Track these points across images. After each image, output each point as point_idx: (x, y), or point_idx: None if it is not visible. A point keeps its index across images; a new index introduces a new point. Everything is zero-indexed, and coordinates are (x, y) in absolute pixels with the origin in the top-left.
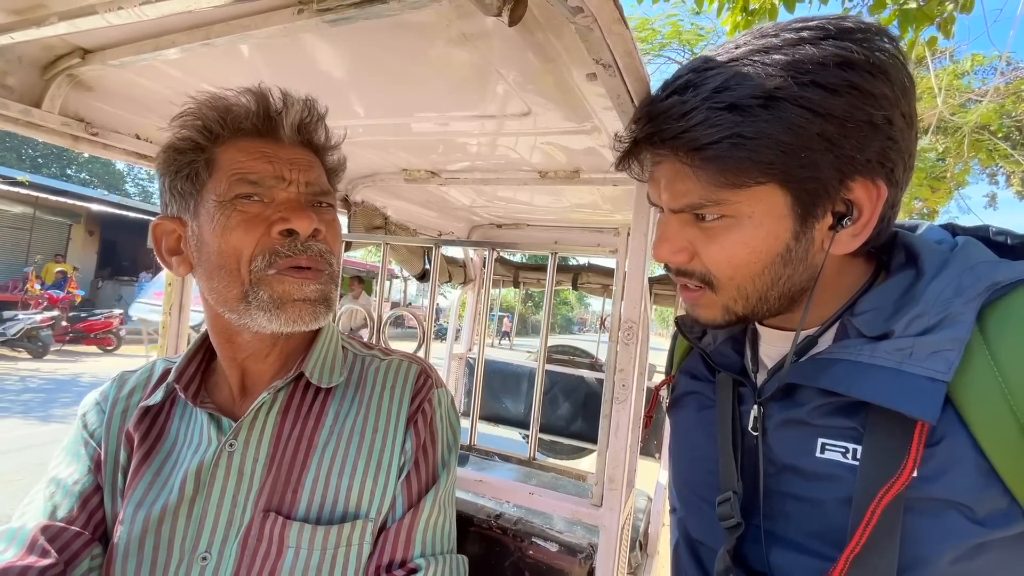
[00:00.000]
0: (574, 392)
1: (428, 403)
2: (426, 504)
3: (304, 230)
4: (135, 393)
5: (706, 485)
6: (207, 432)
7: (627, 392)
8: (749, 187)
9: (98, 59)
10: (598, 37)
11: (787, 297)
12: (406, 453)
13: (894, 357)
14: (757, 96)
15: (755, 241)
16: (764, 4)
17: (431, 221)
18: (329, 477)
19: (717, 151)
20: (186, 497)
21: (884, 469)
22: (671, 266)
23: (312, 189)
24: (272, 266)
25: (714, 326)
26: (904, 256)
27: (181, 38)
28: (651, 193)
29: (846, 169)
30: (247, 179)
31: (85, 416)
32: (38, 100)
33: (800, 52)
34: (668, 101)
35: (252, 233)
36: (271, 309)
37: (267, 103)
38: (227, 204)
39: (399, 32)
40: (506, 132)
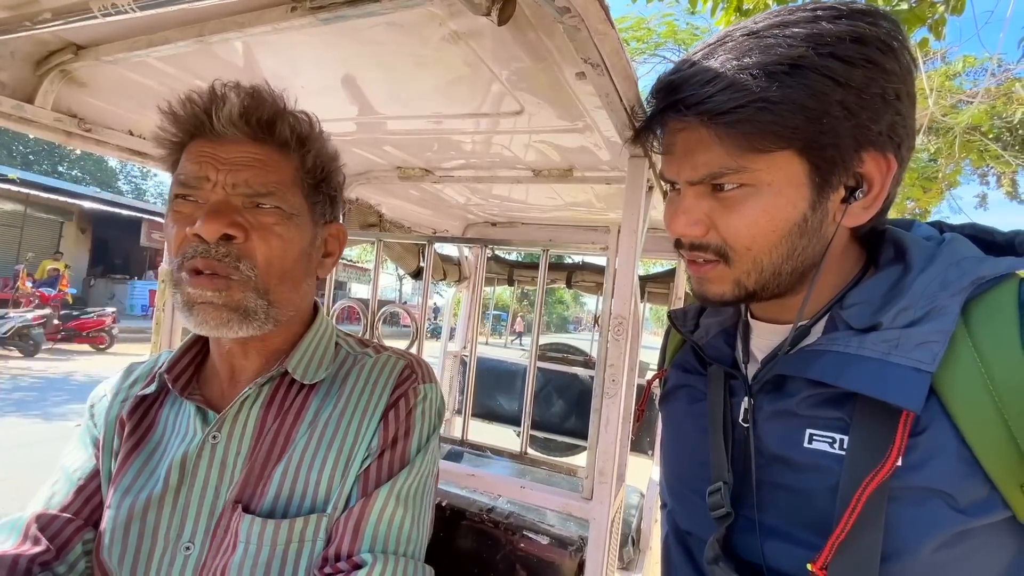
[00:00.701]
0: (568, 390)
1: (407, 396)
2: (380, 495)
3: (206, 234)
4: (137, 383)
5: (696, 476)
6: (193, 423)
7: (617, 387)
8: (771, 152)
9: (91, 55)
10: (585, 37)
11: (798, 272)
12: (372, 445)
13: (881, 348)
14: (782, 63)
15: (775, 209)
16: (758, 4)
17: (425, 219)
18: (298, 471)
19: (743, 115)
20: (171, 487)
21: (869, 458)
22: (684, 241)
23: (242, 191)
24: (181, 268)
25: (723, 302)
26: (893, 251)
27: (174, 35)
28: (666, 168)
29: (861, 139)
30: (179, 180)
31: (93, 406)
32: (31, 96)
33: (817, 27)
34: (691, 69)
35: (176, 232)
36: (184, 310)
37: (202, 102)
38: (169, 203)
39: (392, 30)
40: (500, 130)
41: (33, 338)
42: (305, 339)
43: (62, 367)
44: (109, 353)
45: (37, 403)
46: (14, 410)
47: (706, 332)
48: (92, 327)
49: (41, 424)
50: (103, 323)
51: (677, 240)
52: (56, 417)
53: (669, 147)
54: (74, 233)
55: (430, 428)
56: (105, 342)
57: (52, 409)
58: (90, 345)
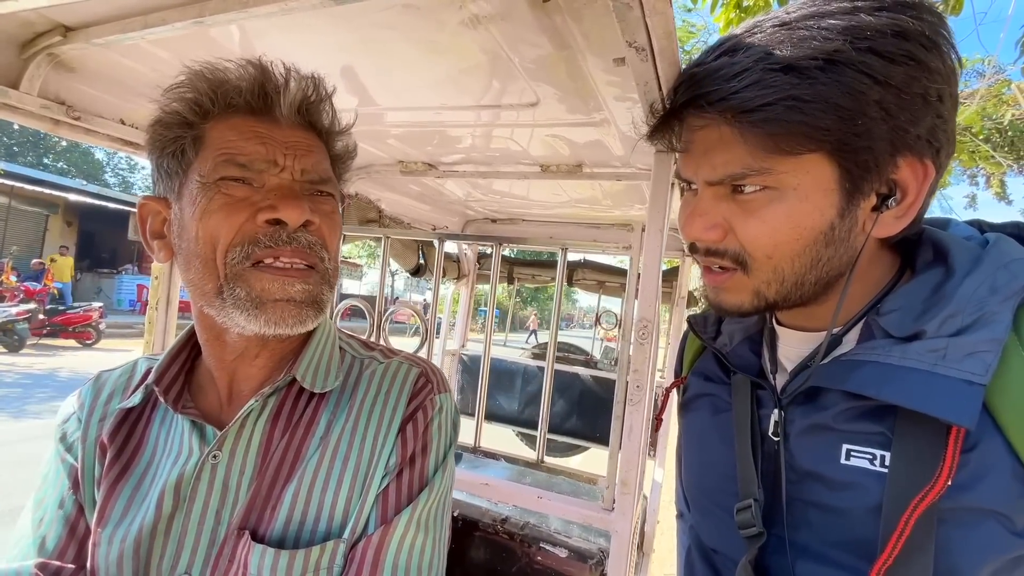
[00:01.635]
0: (569, 389)
1: (424, 409)
2: (400, 521)
3: (293, 220)
4: (114, 398)
5: (723, 491)
6: (188, 441)
7: (642, 393)
8: (798, 155)
9: (81, 37)
10: (637, 16)
11: (823, 283)
12: (391, 463)
13: (927, 359)
14: (815, 58)
15: (799, 215)
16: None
17: (425, 215)
18: (311, 492)
19: (770, 113)
20: (164, 514)
21: (916, 477)
22: (700, 245)
23: (309, 176)
24: (250, 258)
25: (740, 313)
26: (931, 253)
27: (172, 15)
28: (683, 167)
29: (898, 143)
30: (235, 160)
31: (62, 427)
32: (15, 81)
33: (856, 19)
34: (717, 63)
35: (233, 218)
36: (249, 308)
37: (266, 78)
38: (210, 186)
39: (407, 13)
40: (510, 123)
41: (18, 333)
42: (312, 342)
43: (48, 363)
44: (96, 349)
45: (21, 400)
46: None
47: (729, 339)
48: (78, 322)
49: (24, 422)
50: (90, 318)
51: (691, 244)
52: (40, 415)
53: (687, 144)
54: (59, 226)
55: (447, 443)
56: (92, 337)
57: (36, 406)
58: (76, 340)
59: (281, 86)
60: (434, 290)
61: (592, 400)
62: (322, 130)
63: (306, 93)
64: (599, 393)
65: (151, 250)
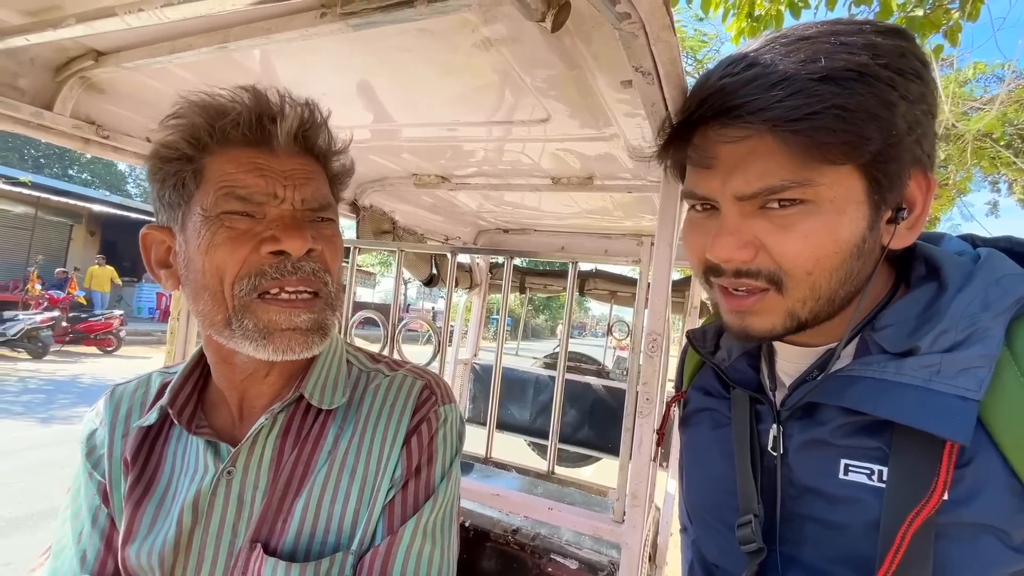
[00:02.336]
0: (580, 399)
1: (428, 421)
2: (407, 530)
3: (296, 251)
4: (132, 413)
5: (723, 506)
6: (204, 458)
7: (651, 406)
8: (838, 166)
9: (112, 61)
10: (642, 44)
11: (848, 298)
12: (396, 476)
13: (921, 375)
14: (851, 69)
15: (839, 228)
16: (770, 10)
17: (438, 226)
18: (320, 505)
19: (818, 122)
20: (184, 529)
21: (912, 492)
22: (728, 267)
23: (309, 205)
24: (257, 289)
25: (771, 337)
26: (924, 268)
27: (198, 40)
28: (701, 184)
29: (916, 157)
30: (235, 194)
31: (87, 442)
32: (49, 102)
33: (870, 39)
34: (750, 72)
35: (238, 251)
36: (257, 339)
37: (262, 108)
38: (214, 219)
39: (421, 36)
40: (522, 138)
41: (42, 340)
42: (319, 360)
43: (70, 369)
44: (116, 356)
45: (44, 406)
46: (22, 412)
47: (728, 354)
48: (99, 329)
49: (48, 427)
50: (111, 325)
51: (710, 269)
52: (62, 420)
53: (708, 160)
54: (83, 236)
55: (452, 453)
56: (112, 344)
57: (59, 412)
58: (97, 347)
59: (277, 115)
60: (447, 302)
61: (604, 410)
62: (320, 154)
63: (302, 119)
64: (611, 403)
65: (158, 279)
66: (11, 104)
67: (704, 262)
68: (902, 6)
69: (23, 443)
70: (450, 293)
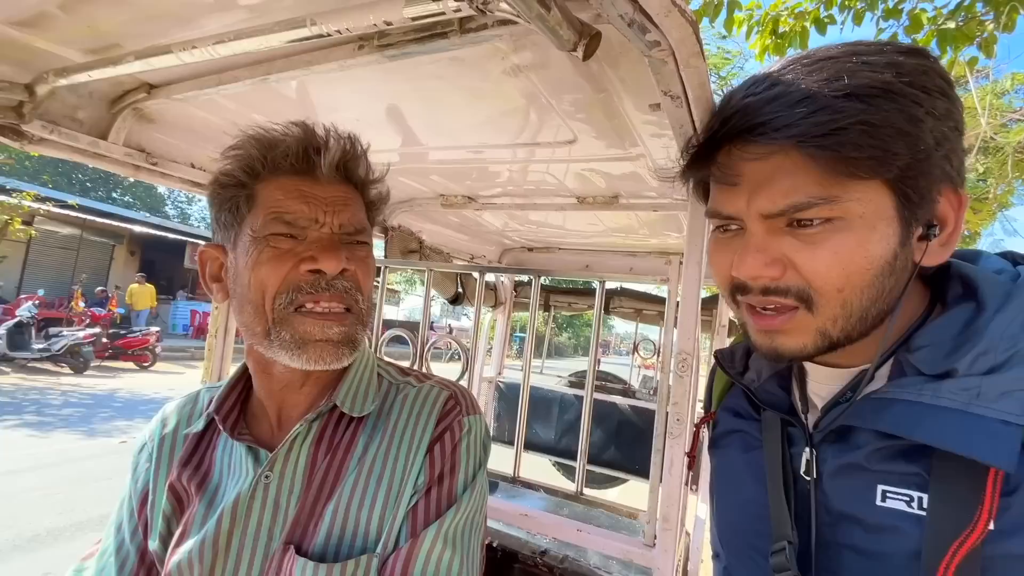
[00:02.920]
0: (606, 419)
1: (452, 429)
2: (428, 535)
3: (331, 270)
4: (180, 426)
5: (755, 532)
6: (245, 463)
7: (682, 427)
8: (865, 181)
9: (163, 93)
10: (671, 70)
11: (881, 316)
12: (419, 482)
13: (960, 398)
14: (875, 87)
15: (869, 244)
16: (794, 27)
17: (464, 245)
18: (348, 509)
19: (846, 137)
20: (223, 530)
21: (955, 521)
22: (755, 285)
23: (346, 229)
24: (294, 303)
25: (802, 357)
26: (961, 288)
27: (243, 73)
28: (726, 203)
29: (942, 173)
30: (282, 218)
31: (136, 457)
32: (105, 132)
33: (893, 58)
34: (774, 90)
35: (279, 269)
36: (293, 349)
37: (309, 142)
38: (261, 240)
39: (453, 64)
40: (547, 159)
41: (83, 355)
42: (351, 370)
43: (108, 384)
44: (152, 371)
45: (85, 420)
46: (63, 426)
47: (757, 375)
48: (137, 345)
49: (87, 440)
50: (147, 342)
51: (737, 287)
52: (101, 434)
53: (733, 178)
54: (124, 255)
55: (476, 463)
56: (148, 360)
57: (98, 426)
58: (135, 363)
59: (322, 147)
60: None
61: (630, 430)
62: (358, 182)
63: (344, 151)
64: (637, 423)
65: (210, 291)
66: (71, 135)
67: (730, 280)
68: (932, 19)
69: (64, 455)
70: (477, 313)
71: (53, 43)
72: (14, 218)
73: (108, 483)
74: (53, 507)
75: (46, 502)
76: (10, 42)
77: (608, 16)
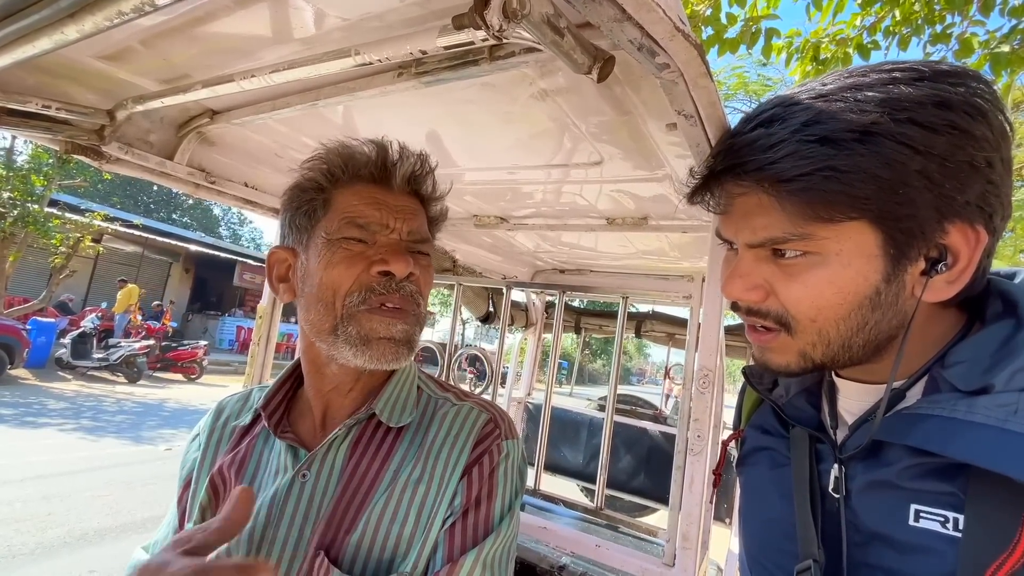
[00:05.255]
0: (636, 445)
1: (490, 453)
2: (467, 561)
3: (400, 272)
4: (230, 420)
5: (782, 552)
6: (284, 460)
7: (703, 444)
8: (839, 222)
9: (224, 119)
10: (682, 90)
11: (872, 345)
12: (455, 504)
13: (996, 414)
14: (852, 130)
15: (842, 281)
16: (836, 53)
17: (496, 265)
18: (380, 522)
19: (807, 183)
20: (259, 524)
21: (992, 543)
22: (741, 305)
23: (413, 237)
24: (365, 302)
25: (787, 373)
26: (1001, 305)
27: (294, 99)
28: (723, 228)
29: (945, 210)
30: (356, 222)
31: (188, 446)
32: (171, 153)
33: (895, 91)
34: (753, 133)
35: (352, 269)
36: (357, 344)
37: (386, 154)
38: (335, 242)
39: (484, 90)
40: (577, 180)
41: (138, 366)
42: (392, 380)
43: (158, 394)
44: (199, 383)
45: (134, 427)
46: (115, 432)
47: (786, 391)
48: (187, 358)
49: (136, 446)
50: (196, 355)
51: (733, 304)
52: (148, 441)
53: (727, 208)
54: (179, 273)
55: (513, 490)
56: (196, 372)
57: (146, 433)
58: (183, 375)
59: (397, 159)
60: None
61: (661, 458)
62: (424, 197)
63: (415, 167)
64: (668, 450)
65: (276, 291)
66: (142, 155)
67: (727, 298)
68: (985, 43)
69: (114, 459)
70: (504, 325)
71: (132, 74)
72: (85, 236)
73: (153, 488)
74: (101, 509)
75: (96, 503)
76: (97, 73)
77: (619, 41)
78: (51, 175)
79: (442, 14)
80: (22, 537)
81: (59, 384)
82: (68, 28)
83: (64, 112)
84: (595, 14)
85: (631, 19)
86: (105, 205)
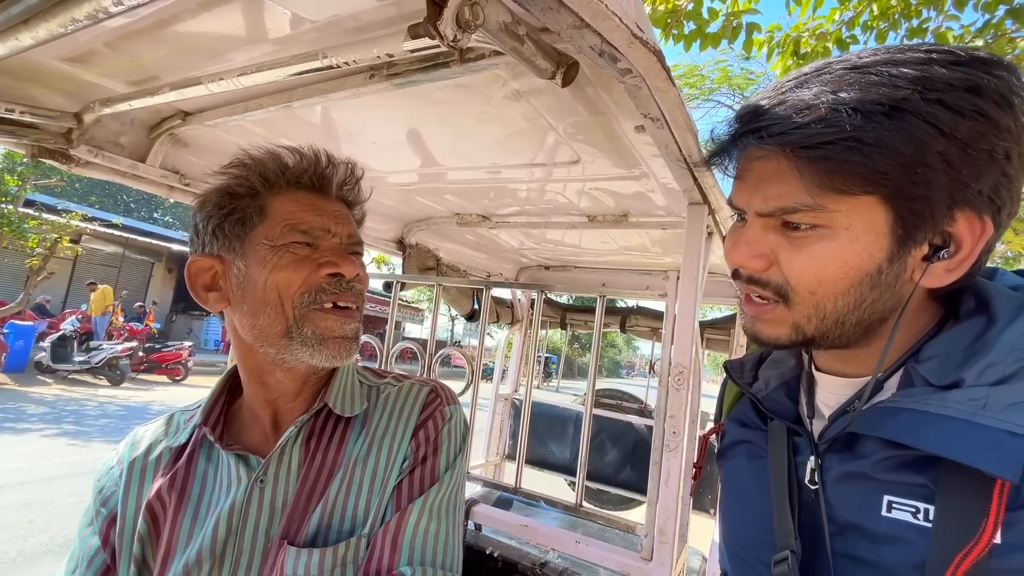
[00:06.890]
0: (622, 439)
1: (434, 418)
2: (414, 508)
3: (349, 273)
4: (152, 450)
5: (760, 543)
6: (235, 472)
7: (678, 440)
8: (853, 195)
9: (196, 120)
10: (646, 95)
11: (864, 325)
12: (404, 466)
13: (966, 407)
14: (881, 103)
15: (847, 255)
16: (816, 47)
17: (481, 263)
18: (337, 499)
19: (830, 151)
20: (219, 539)
21: (960, 533)
22: (742, 272)
23: (351, 240)
24: (315, 303)
25: (776, 345)
26: (974, 302)
27: (267, 101)
28: (736, 195)
29: (957, 196)
30: (299, 228)
31: (99, 481)
32: (144, 156)
33: (930, 71)
34: (786, 95)
35: (300, 272)
36: (314, 344)
37: (320, 161)
38: (280, 248)
39: (458, 91)
40: (555, 179)
41: (120, 368)
42: (338, 374)
43: (142, 396)
44: (184, 384)
45: (119, 431)
46: (100, 436)
47: (765, 384)
48: (171, 359)
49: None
50: (181, 356)
51: (735, 271)
52: None
53: (743, 172)
54: (162, 273)
55: (456, 448)
56: (181, 374)
57: None
58: (167, 376)
59: (333, 167)
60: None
61: (646, 451)
62: (352, 202)
63: (346, 175)
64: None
65: (204, 302)
66: (113, 158)
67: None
68: (959, 38)
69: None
70: (483, 324)
71: (99, 76)
72: (63, 236)
73: None
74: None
75: (80, 509)
76: (62, 75)
77: (580, 47)
78: (25, 174)
79: (409, 17)
80: (2, 546)
81: (39, 388)
82: (22, 35)
83: (29, 115)
84: (554, 21)
85: (589, 26)
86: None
